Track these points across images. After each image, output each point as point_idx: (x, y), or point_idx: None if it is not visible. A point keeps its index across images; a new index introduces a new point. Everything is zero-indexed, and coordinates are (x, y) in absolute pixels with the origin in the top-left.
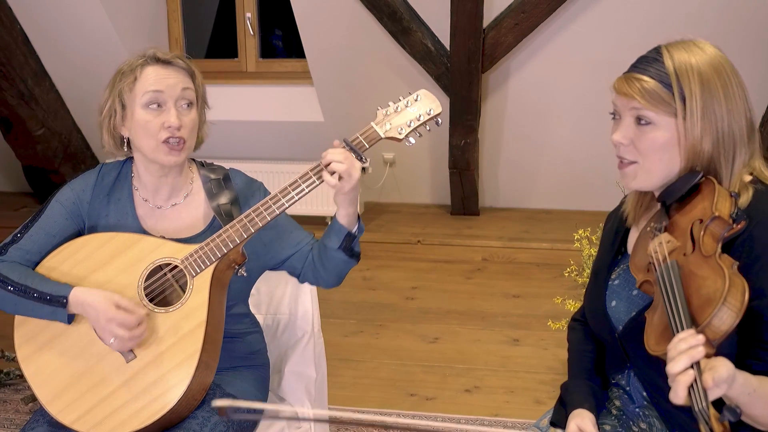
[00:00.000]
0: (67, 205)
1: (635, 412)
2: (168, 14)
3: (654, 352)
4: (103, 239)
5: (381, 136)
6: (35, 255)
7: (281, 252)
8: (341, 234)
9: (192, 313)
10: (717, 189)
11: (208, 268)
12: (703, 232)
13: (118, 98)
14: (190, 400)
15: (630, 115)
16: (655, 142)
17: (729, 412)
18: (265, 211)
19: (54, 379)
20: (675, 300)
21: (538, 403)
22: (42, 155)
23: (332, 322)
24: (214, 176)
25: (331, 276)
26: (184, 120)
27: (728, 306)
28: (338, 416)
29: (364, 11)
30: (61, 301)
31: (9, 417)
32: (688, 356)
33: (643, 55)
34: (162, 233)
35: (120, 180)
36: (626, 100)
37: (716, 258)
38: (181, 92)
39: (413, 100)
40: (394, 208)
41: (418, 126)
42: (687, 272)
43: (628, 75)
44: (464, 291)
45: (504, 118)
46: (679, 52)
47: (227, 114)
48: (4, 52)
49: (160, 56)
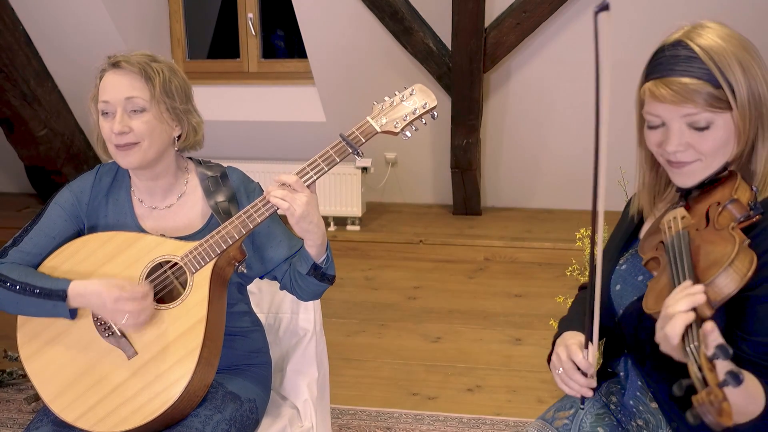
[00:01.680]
0: (66, 206)
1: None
2: (170, 15)
3: (650, 310)
4: (103, 238)
5: (377, 130)
6: (36, 257)
7: (268, 264)
8: (308, 263)
9: (192, 309)
10: (739, 179)
11: (207, 264)
12: (720, 212)
13: (95, 108)
14: (192, 396)
15: (682, 121)
16: (718, 141)
17: (720, 350)
18: (263, 207)
19: (57, 377)
20: (681, 262)
21: (541, 402)
22: (44, 156)
23: (334, 322)
24: (211, 174)
25: (306, 294)
26: (133, 124)
27: (734, 269)
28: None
29: (365, 11)
30: (61, 294)
31: (12, 416)
32: (689, 299)
33: (673, 54)
34: (161, 232)
35: (117, 180)
36: (675, 108)
37: (729, 230)
38: (125, 102)
39: (408, 94)
40: (396, 208)
41: (414, 119)
42: (697, 243)
43: (669, 80)
44: (466, 290)
45: (506, 117)
46: (706, 41)
47: (229, 114)
48: (7, 53)
49: (112, 59)
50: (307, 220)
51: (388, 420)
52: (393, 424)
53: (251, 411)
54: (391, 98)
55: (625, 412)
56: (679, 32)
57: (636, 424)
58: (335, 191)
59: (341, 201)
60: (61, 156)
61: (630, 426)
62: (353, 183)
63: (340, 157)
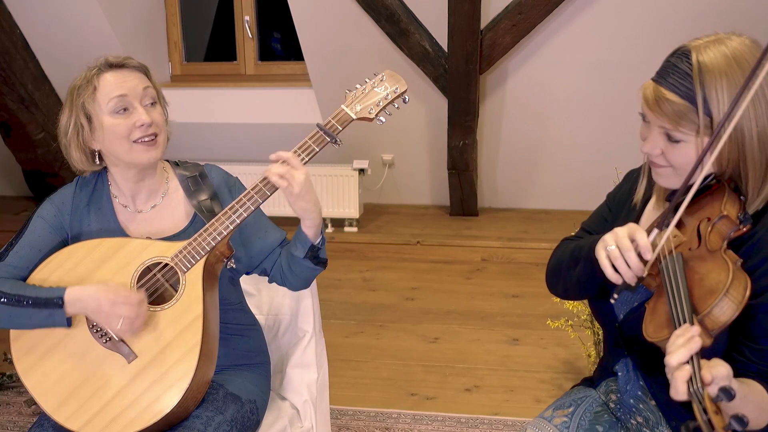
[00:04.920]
0: (48, 218)
1: (630, 404)
2: (167, 18)
3: (651, 338)
4: (90, 246)
5: (353, 118)
6: (23, 270)
7: (257, 257)
8: (306, 245)
9: (188, 307)
10: (727, 192)
11: (198, 262)
12: (710, 230)
13: (81, 112)
14: (195, 393)
15: (659, 130)
16: (686, 157)
17: (724, 393)
18: (248, 201)
19: (57, 387)
20: (678, 290)
21: (538, 402)
22: (42, 159)
23: (333, 323)
24: (189, 174)
25: (298, 281)
26: (153, 116)
27: (730, 298)
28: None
29: (362, 14)
30: (57, 302)
31: (12, 419)
32: (687, 348)
33: (673, 62)
34: (146, 235)
35: (98, 189)
36: (654, 116)
37: (721, 253)
38: (143, 91)
39: (379, 81)
40: (393, 209)
41: (386, 105)
42: (691, 265)
43: (658, 89)
44: (464, 291)
45: (502, 118)
46: (710, 61)
47: (226, 117)
48: (4, 57)
49: (113, 60)
50: (306, 198)
51: (387, 420)
52: (392, 424)
53: (252, 412)
54: (362, 86)
55: (624, 410)
56: (701, 41)
57: (636, 422)
58: (332, 193)
59: (338, 203)
60: (58, 159)
61: (629, 423)
62: (350, 185)
63: (319, 147)
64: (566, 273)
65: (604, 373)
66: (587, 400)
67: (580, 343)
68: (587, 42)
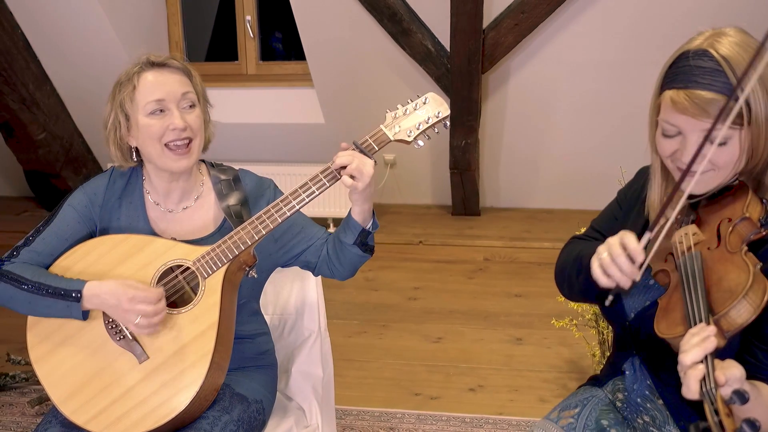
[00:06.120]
0: (79, 208)
1: (638, 403)
2: (168, 18)
3: (663, 335)
4: (115, 241)
5: (390, 139)
6: (47, 257)
7: (294, 248)
8: (356, 230)
9: (204, 314)
10: (750, 193)
11: (219, 269)
12: (731, 230)
13: (120, 109)
14: (202, 400)
15: (700, 135)
16: (733, 156)
17: (737, 396)
18: (275, 213)
19: (67, 379)
20: (695, 288)
21: (543, 401)
22: (43, 159)
23: (336, 323)
24: (224, 177)
25: (346, 269)
26: (189, 119)
27: (748, 300)
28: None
29: (364, 13)
30: (76, 295)
31: (15, 420)
32: (702, 348)
33: (697, 64)
34: (173, 236)
35: (131, 183)
36: (695, 121)
37: (742, 254)
38: (181, 96)
39: (422, 103)
40: (395, 209)
41: (427, 128)
42: (709, 265)
43: (692, 92)
44: (466, 291)
45: (504, 118)
46: (730, 52)
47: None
48: (6, 57)
49: (154, 59)
50: (370, 183)
51: (392, 420)
52: (396, 424)
53: (258, 412)
54: (404, 106)
55: (631, 408)
56: (702, 39)
57: (643, 420)
58: (335, 193)
59: (341, 203)
60: (60, 159)
61: (636, 423)
62: None
63: None
64: (570, 279)
65: (611, 371)
66: (593, 400)
67: (584, 343)
68: (590, 41)
